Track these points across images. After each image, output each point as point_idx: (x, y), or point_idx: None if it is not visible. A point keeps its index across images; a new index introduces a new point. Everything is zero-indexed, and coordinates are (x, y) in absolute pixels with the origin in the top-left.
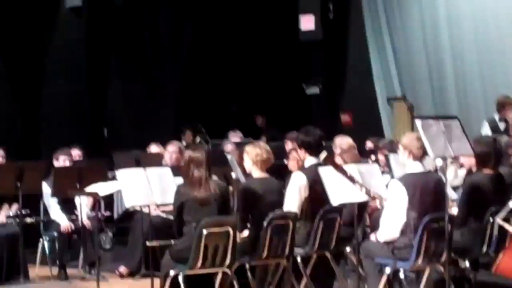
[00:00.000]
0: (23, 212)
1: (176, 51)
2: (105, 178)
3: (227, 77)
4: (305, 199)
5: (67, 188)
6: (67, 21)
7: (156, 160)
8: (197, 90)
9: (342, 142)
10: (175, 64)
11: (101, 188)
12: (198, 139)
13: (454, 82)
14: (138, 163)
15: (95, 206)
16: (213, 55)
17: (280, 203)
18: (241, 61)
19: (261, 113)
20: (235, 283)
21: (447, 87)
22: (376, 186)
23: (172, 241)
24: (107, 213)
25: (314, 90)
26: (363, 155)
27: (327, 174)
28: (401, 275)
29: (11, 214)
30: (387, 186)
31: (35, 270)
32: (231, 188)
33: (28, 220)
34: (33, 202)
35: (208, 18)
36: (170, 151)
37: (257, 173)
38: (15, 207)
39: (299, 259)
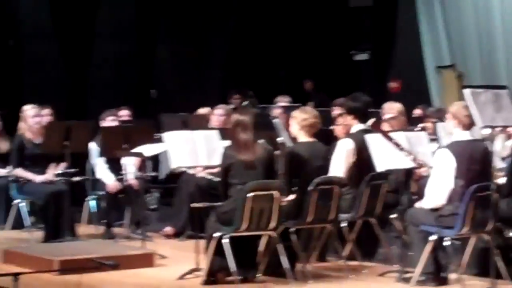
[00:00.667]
0: (71, 171)
1: (225, 14)
2: (152, 139)
3: (276, 42)
4: (351, 164)
5: (114, 148)
6: None
7: (203, 123)
8: (246, 54)
9: (391, 108)
10: (224, 28)
11: (148, 149)
12: (246, 103)
13: (505, 53)
14: (185, 125)
15: (141, 167)
16: (263, 18)
17: (326, 168)
18: (290, 26)
19: (309, 78)
20: (279, 246)
21: (496, 57)
22: (423, 153)
23: (218, 203)
24: (154, 174)
25: (362, 56)
26: (410, 122)
27: (374, 140)
28: (446, 243)
29: (59, 172)
30: (434, 153)
31: (82, 229)
32: (277, 152)
33: (75, 179)
34: (80, 161)
35: None
36: (217, 114)
37: (303, 137)
38: (62, 165)
39: (344, 224)
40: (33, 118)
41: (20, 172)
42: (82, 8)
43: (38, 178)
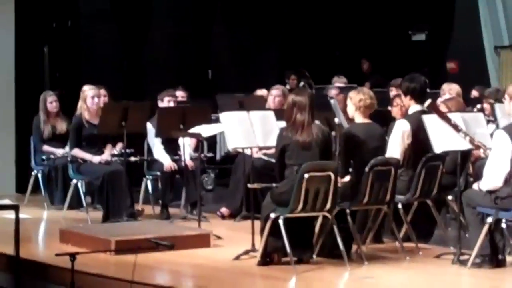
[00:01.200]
0: (127, 151)
1: None
2: (208, 120)
3: (333, 22)
4: (408, 146)
5: (171, 128)
6: None
7: (260, 103)
8: (302, 34)
9: (449, 89)
10: (280, 8)
11: (205, 130)
12: (302, 83)
13: None
14: (241, 106)
15: (198, 147)
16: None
17: (382, 149)
18: (347, 5)
19: (366, 59)
20: (335, 227)
21: None
22: (480, 135)
23: (273, 184)
24: (210, 154)
25: (420, 36)
26: (468, 103)
27: (431, 121)
28: (503, 225)
29: (115, 152)
30: (491, 135)
31: (138, 209)
32: (333, 133)
33: (132, 159)
34: (137, 141)
35: None
36: (274, 95)
37: (360, 118)
38: (119, 146)
39: (400, 206)
40: (92, 99)
41: (78, 152)
42: None
43: (95, 158)
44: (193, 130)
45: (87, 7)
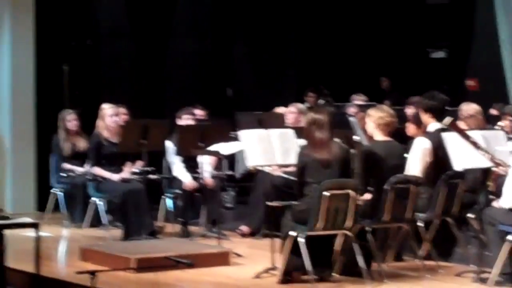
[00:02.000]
0: (147, 169)
1: (301, 12)
2: (228, 138)
3: (352, 39)
4: (427, 163)
5: (191, 146)
6: None
7: (279, 121)
8: (322, 52)
9: (468, 108)
10: (300, 25)
11: (224, 148)
12: (321, 101)
13: None
14: (260, 124)
15: (217, 165)
16: (338, 16)
17: (402, 167)
18: (366, 23)
19: (385, 76)
20: (355, 245)
21: None
22: (501, 152)
23: (293, 202)
24: (230, 172)
25: (439, 54)
26: (488, 121)
27: (451, 139)
28: None
29: (135, 170)
30: (511, 152)
31: (159, 225)
32: (353, 151)
33: (152, 177)
34: (157, 159)
35: None
36: (291, 112)
37: (379, 136)
38: (139, 163)
39: (420, 224)
40: (111, 117)
41: (98, 170)
42: (158, 7)
43: (114, 176)
44: (213, 148)
45: (106, 26)
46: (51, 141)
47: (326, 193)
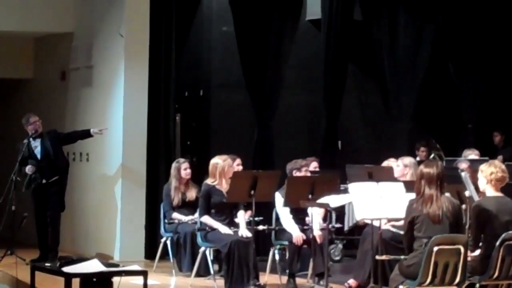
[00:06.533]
0: (256, 219)
1: (414, 65)
2: (337, 190)
3: (465, 94)
4: None
5: (300, 198)
6: (306, 33)
7: (389, 174)
8: (434, 105)
9: None
10: (413, 78)
11: (333, 200)
12: (432, 155)
13: None
14: (370, 177)
15: (326, 217)
16: (450, 70)
17: None
18: (480, 77)
19: (499, 131)
20: None
21: None
22: None
23: (402, 256)
24: (338, 225)
25: None
26: None
27: None
28: None
29: (244, 221)
30: None
31: (265, 277)
32: (464, 206)
33: (260, 228)
34: (266, 210)
35: (449, 35)
36: (401, 166)
37: (491, 191)
38: (248, 214)
39: None
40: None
41: (207, 219)
42: (270, 58)
43: (223, 228)
44: (322, 200)
45: (218, 76)
46: (161, 189)
47: (435, 248)
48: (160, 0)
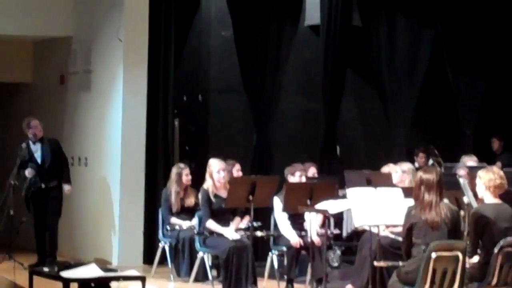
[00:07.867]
0: (254, 225)
1: (412, 70)
2: (336, 196)
3: (464, 100)
4: None
5: (298, 203)
6: (305, 38)
7: (387, 180)
8: (432, 111)
9: None
10: (411, 84)
11: (331, 206)
12: (430, 161)
13: None
14: (369, 182)
15: (324, 223)
16: (451, 75)
17: None
18: (479, 83)
19: (498, 137)
20: None
21: None
22: None
23: (400, 263)
24: (336, 231)
25: None
26: None
27: None
28: None
29: (242, 226)
30: None
31: (263, 283)
32: (462, 213)
33: (259, 233)
34: (263, 216)
35: (447, 40)
36: (399, 172)
37: (489, 198)
38: (246, 219)
39: None
40: (218, 173)
41: (212, 224)
42: (269, 64)
43: (228, 233)
44: (320, 206)
45: (217, 81)
46: (159, 195)
47: (434, 255)
48: (159, 5)
